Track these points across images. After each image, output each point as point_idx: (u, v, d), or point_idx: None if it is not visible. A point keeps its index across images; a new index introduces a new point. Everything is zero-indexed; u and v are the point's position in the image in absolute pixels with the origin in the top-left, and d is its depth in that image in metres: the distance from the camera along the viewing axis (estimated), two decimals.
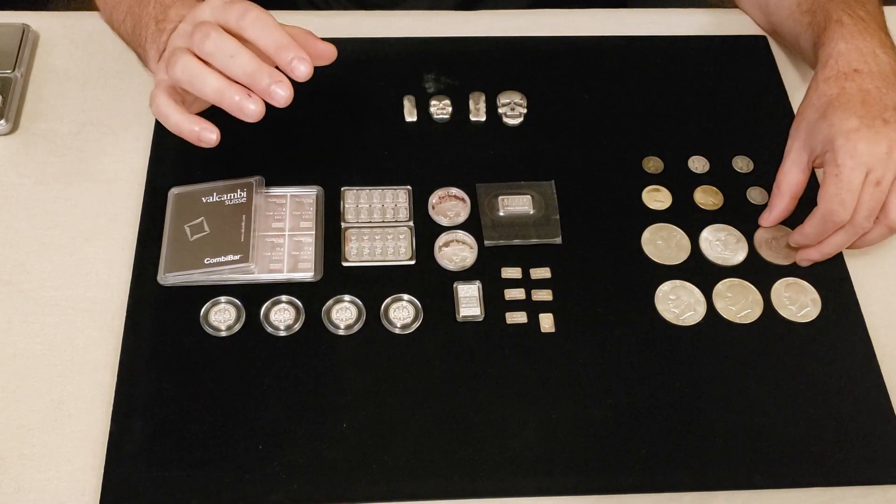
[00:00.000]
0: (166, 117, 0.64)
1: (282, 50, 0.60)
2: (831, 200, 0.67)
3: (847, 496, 0.63)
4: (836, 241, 0.70)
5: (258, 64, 0.60)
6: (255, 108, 0.60)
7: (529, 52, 0.85)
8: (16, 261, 0.71)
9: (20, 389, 0.65)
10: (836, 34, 0.73)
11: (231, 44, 0.61)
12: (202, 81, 0.61)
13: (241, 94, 0.61)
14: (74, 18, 0.86)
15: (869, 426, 0.65)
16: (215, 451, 0.62)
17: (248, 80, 0.61)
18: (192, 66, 0.61)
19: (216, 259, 0.69)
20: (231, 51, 0.60)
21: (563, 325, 0.69)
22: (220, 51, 0.61)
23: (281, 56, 0.61)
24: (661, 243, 0.73)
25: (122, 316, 0.68)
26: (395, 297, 0.69)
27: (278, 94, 0.60)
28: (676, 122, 0.81)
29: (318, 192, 0.74)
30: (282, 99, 0.60)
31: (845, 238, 0.69)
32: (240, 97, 0.60)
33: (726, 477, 0.63)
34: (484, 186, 0.75)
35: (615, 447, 0.64)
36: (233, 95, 0.61)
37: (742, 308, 0.70)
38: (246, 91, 0.61)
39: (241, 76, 0.61)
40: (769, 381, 0.67)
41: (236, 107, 0.61)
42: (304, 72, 0.60)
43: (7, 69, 0.80)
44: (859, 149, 0.66)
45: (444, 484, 0.62)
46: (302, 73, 0.60)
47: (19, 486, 0.61)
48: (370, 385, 0.65)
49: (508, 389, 0.66)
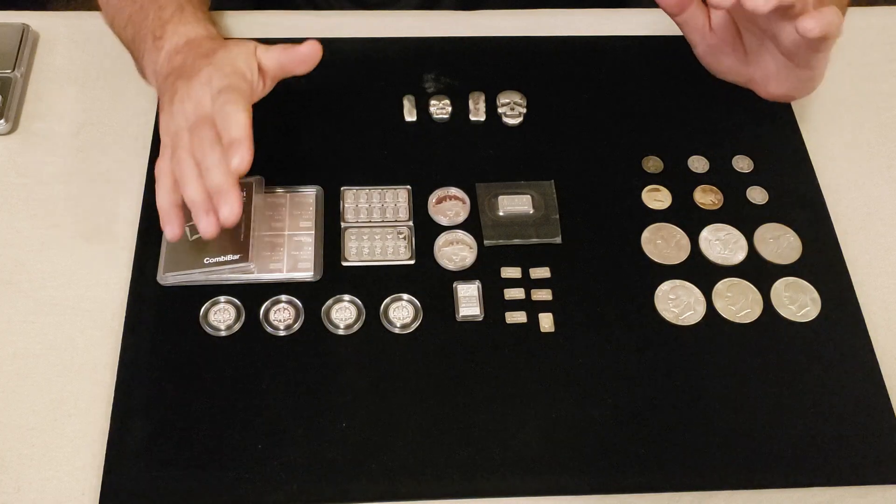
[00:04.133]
0: (157, 190, 0.65)
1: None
2: None
3: (847, 496, 0.63)
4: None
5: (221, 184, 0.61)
6: (212, 229, 0.62)
7: (529, 52, 0.85)
8: (16, 261, 0.71)
9: (20, 389, 0.65)
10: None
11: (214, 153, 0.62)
12: (185, 186, 0.63)
13: (204, 210, 0.62)
14: (74, 18, 0.86)
15: (869, 426, 0.65)
16: (215, 451, 0.62)
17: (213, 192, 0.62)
18: (185, 167, 0.63)
19: (216, 259, 0.69)
20: (216, 160, 0.62)
21: (562, 324, 0.69)
22: (207, 158, 0.62)
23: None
24: (661, 243, 0.73)
25: (121, 316, 0.68)
26: (394, 296, 0.69)
27: (223, 214, 0.61)
28: (676, 122, 0.81)
29: (317, 192, 0.74)
30: (227, 218, 0.61)
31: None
32: (203, 214, 0.62)
33: (726, 477, 0.63)
34: (484, 186, 0.75)
35: (615, 447, 0.64)
36: (198, 211, 0.62)
37: (742, 308, 0.70)
38: (206, 209, 0.62)
39: (211, 187, 0.62)
40: (769, 381, 0.67)
41: (196, 218, 0.63)
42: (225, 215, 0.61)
43: (7, 69, 0.80)
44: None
45: (444, 484, 0.62)
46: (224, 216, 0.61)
47: (19, 486, 0.61)
48: (370, 385, 0.65)
49: (508, 389, 0.66)
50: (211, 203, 0.62)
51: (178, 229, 0.64)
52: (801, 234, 0.74)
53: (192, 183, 0.62)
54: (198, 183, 0.62)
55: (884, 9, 0.92)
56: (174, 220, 0.64)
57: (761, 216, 0.75)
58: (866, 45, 0.87)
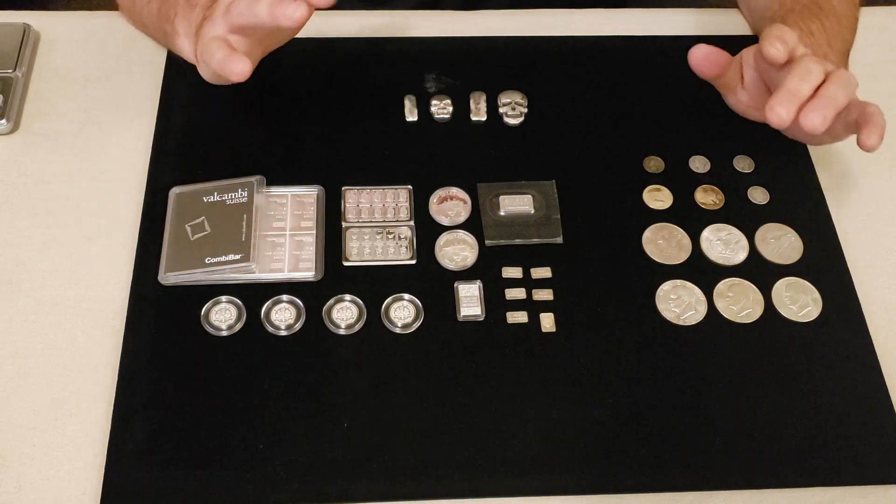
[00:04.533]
0: (210, 56, 0.66)
1: None
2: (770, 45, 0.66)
3: (847, 496, 0.63)
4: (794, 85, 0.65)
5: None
6: (299, 13, 0.63)
7: (530, 51, 0.85)
8: (16, 260, 0.71)
9: (21, 389, 0.65)
10: None
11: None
12: (258, 5, 0.64)
13: (286, 3, 0.63)
14: (75, 18, 0.86)
15: (869, 426, 0.65)
16: (215, 451, 0.62)
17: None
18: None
19: (217, 258, 0.69)
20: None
21: (563, 324, 0.69)
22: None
23: None
24: (662, 243, 0.73)
25: (122, 315, 0.68)
26: (395, 296, 0.69)
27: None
28: (677, 122, 0.81)
29: (318, 192, 0.74)
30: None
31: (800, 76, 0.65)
32: (283, 7, 0.63)
33: (726, 477, 0.63)
34: (485, 186, 0.75)
35: (615, 447, 0.64)
36: (282, 8, 0.63)
37: (743, 308, 0.70)
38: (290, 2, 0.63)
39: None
40: (769, 381, 0.67)
41: (285, 15, 0.63)
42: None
43: (8, 69, 0.80)
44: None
45: (445, 484, 0.62)
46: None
47: (19, 486, 0.61)
48: (371, 384, 0.65)
49: (508, 389, 0.66)
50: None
51: (248, 62, 0.64)
52: (801, 234, 0.74)
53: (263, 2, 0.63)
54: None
55: (884, 9, 0.92)
56: (239, 56, 0.64)
57: (762, 216, 0.75)
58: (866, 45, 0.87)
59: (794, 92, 0.65)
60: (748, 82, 0.74)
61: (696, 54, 0.71)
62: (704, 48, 0.71)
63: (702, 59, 0.71)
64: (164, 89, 0.80)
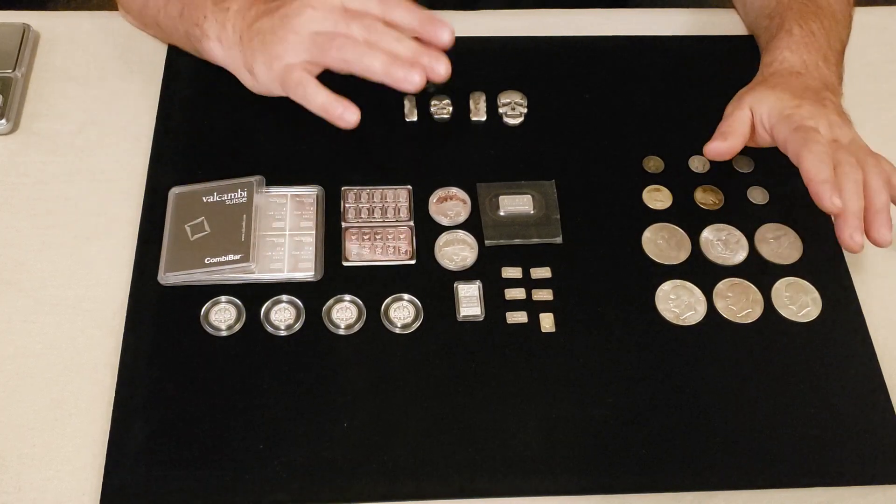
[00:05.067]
0: (313, 97, 0.69)
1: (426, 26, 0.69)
2: (813, 153, 0.66)
3: (847, 496, 0.63)
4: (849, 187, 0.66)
5: (421, 46, 0.68)
6: (419, 78, 0.67)
7: (529, 51, 0.85)
8: (16, 260, 0.71)
9: (20, 389, 0.65)
10: (783, 43, 0.75)
11: (392, 31, 0.69)
12: (371, 59, 0.67)
13: (405, 68, 0.67)
14: (75, 18, 0.86)
15: (869, 426, 0.65)
16: (215, 451, 0.62)
17: (412, 57, 0.68)
18: (359, 48, 0.68)
19: (217, 259, 0.69)
20: (395, 36, 0.68)
21: (563, 324, 0.69)
22: (385, 36, 0.68)
23: (426, 32, 0.69)
24: (662, 243, 0.73)
25: (122, 315, 0.68)
26: (395, 296, 0.69)
27: (438, 69, 0.68)
28: (676, 122, 0.81)
29: (318, 192, 0.74)
30: (442, 74, 0.68)
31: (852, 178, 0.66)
32: (404, 70, 0.67)
33: (726, 477, 0.63)
34: (484, 186, 0.75)
35: (615, 447, 0.64)
36: (398, 69, 0.67)
37: (742, 308, 0.70)
38: (409, 65, 0.67)
39: (406, 55, 0.68)
40: (769, 381, 0.67)
41: (402, 78, 0.67)
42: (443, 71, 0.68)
43: (7, 69, 0.80)
44: (814, 111, 0.69)
45: (444, 484, 0.62)
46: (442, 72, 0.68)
47: (19, 486, 0.61)
48: (370, 385, 0.65)
49: (508, 389, 0.66)
50: (404, 62, 0.66)
51: (356, 113, 0.68)
52: (801, 234, 0.74)
53: (371, 55, 0.67)
54: (377, 53, 0.67)
55: (884, 9, 0.92)
56: (346, 103, 0.68)
57: (762, 216, 0.75)
58: (866, 45, 0.87)
59: (858, 214, 0.65)
60: (758, 138, 0.73)
61: (712, 154, 0.71)
62: (716, 150, 0.71)
63: (718, 156, 0.71)
64: (163, 89, 0.80)
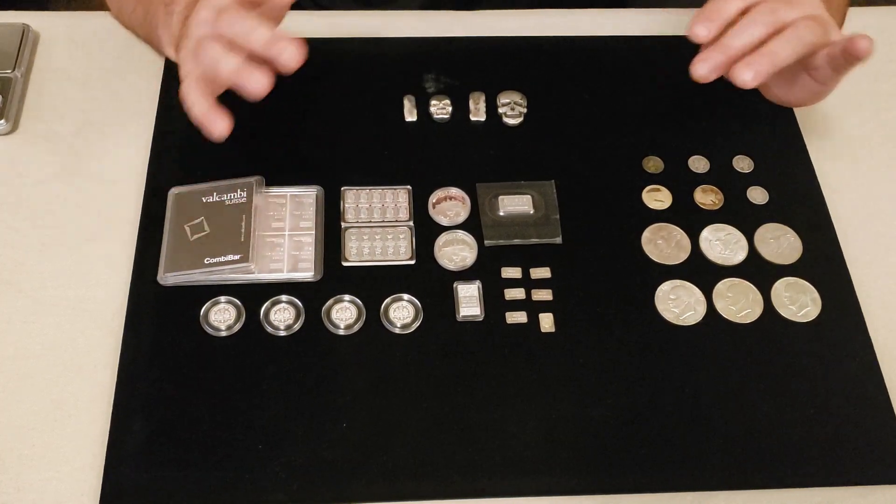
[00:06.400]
0: (191, 106, 0.65)
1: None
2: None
3: (847, 496, 0.63)
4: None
5: (275, 34, 0.63)
6: (261, 80, 0.62)
7: (529, 52, 0.85)
8: (16, 261, 0.71)
9: (20, 389, 0.65)
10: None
11: (251, 20, 0.63)
12: (218, 62, 0.63)
13: (253, 70, 0.63)
14: (74, 18, 0.86)
15: (869, 426, 0.65)
16: (215, 451, 0.62)
17: (265, 48, 0.63)
18: (216, 51, 0.64)
19: (216, 259, 0.69)
20: (252, 25, 0.63)
21: (563, 324, 0.69)
22: (242, 28, 0.63)
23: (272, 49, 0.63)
24: (662, 243, 0.73)
25: (122, 316, 0.68)
26: (395, 296, 0.69)
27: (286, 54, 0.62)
28: (676, 122, 0.81)
29: (318, 192, 0.74)
30: (292, 59, 0.62)
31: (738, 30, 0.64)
32: (249, 72, 0.63)
33: (726, 477, 0.63)
34: (484, 186, 0.75)
35: (615, 447, 0.64)
36: (244, 73, 0.63)
37: (742, 308, 0.70)
38: (256, 67, 0.63)
39: (259, 47, 0.63)
40: (769, 381, 0.67)
41: (246, 80, 0.63)
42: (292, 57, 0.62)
43: (7, 69, 0.80)
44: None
45: (444, 484, 0.62)
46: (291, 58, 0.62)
47: (19, 486, 0.61)
48: (370, 385, 0.65)
49: (508, 389, 0.66)
50: (254, 62, 0.62)
51: (227, 123, 0.64)
52: (801, 234, 0.74)
53: (226, 57, 0.63)
54: (232, 55, 0.63)
55: (884, 9, 0.92)
56: (218, 116, 0.64)
57: (762, 216, 0.75)
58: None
59: (725, 47, 0.62)
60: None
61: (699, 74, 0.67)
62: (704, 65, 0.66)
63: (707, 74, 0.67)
64: (163, 89, 0.80)
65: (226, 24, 0.64)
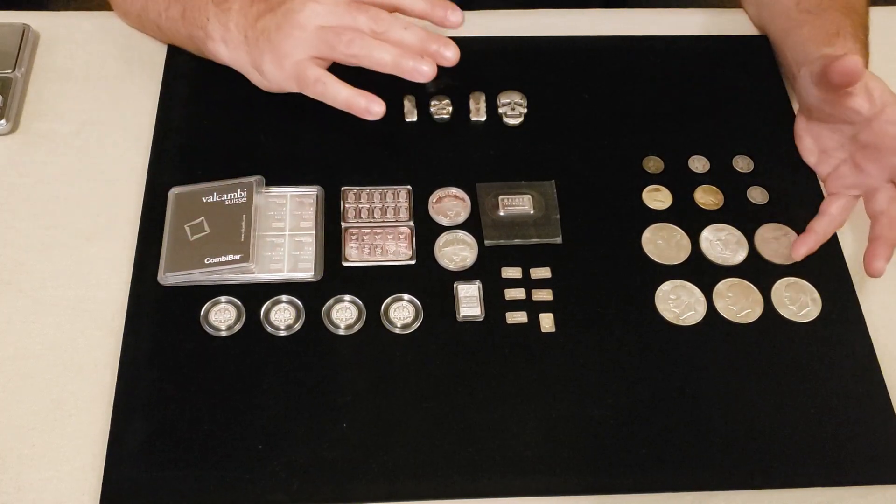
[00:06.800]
0: (335, 94, 0.69)
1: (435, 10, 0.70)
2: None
3: (847, 496, 0.63)
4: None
5: (428, 32, 0.68)
6: (429, 68, 0.67)
7: (529, 52, 0.85)
8: (16, 261, 0.71)
9: (20, 389, 0.65)
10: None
11: (398, 19, 0.69)
12: (380, 52, 0.67)
13: (415, 59, 0.67)
14: (74, 18, 0.86)
15: (869, 426, 0.65)
16: (215, 451, 0.62)
17: (420, 46, 0.68)
18: (367, 42, 0.68)
19: (216, 259, 0.69)
20: (402, 24, 0.69)
21: (563, 324, 0.69)
22: (392, 26, 0.68)
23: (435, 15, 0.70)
24: (662, 243, 0.73)
25: (122, 316, 0.68)
26: (395, 296, 0.69)
27: (447, 54, 0.68)
28: (676, 122, 0.81)
29: (318, 192, 0.74)
30: (451, 59, 0.68)
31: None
32: (414, 61, 0.67)
33: (726, 477, 0.63)
34: (484, 186, 0.75)
35: (615, 447, 0.64)
36: (408, 60, 0.67)
37: (742, 308, 0.70)
38: (418, 55, 0.67)
39: (414, 44, 0.68)
40: (769, 381, 0.67)
41: (412, 69, 0.67)
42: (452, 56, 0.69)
43: (7, 69, 0.80)
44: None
45: (444, 484, 0.62)
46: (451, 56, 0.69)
47: (19, 486, 0.61)
48: (370, 385, 0.65)
49: (508, 389, 0.66)
50: (413, 52, 0.67)
51: (382, 104, 0.68)
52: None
53: (380, 48, 0.67)
54: (386, 46, 0.67)
55: (884, 9, 0.92)
56: (370, 96, 0.68)
57: (762, 216, 0.75)
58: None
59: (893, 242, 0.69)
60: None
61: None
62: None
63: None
64: (163, 89, 0.80)
65: (373, 21, 0.68)
